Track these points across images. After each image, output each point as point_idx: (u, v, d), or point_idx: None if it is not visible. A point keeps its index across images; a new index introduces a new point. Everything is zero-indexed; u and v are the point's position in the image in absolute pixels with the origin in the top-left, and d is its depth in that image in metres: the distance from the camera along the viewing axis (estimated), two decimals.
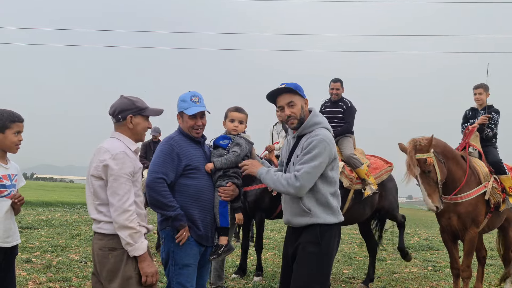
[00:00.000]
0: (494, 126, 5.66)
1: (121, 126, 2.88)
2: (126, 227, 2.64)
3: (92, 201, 2.78)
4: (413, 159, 4.70)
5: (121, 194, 2.66)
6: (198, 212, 3.11)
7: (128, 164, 2.72)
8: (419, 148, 4.73)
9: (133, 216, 2.67)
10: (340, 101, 6.32)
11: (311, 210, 2.96)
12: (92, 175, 2.74)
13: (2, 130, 2.91)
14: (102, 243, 2.74)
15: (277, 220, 14.15)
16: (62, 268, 6.20)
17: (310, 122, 3.05)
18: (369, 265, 6.43)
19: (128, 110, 2.86)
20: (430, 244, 10.86)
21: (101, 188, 2.73)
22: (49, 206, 18.40)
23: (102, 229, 2.74)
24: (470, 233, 5.02)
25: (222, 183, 3.22)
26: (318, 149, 2.90)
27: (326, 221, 2.97)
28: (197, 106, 3.16)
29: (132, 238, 2.65)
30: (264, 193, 6.11)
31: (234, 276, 6.31)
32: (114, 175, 2.67)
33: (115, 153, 2.71)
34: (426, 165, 4.68)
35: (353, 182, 5.80)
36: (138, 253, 2.68)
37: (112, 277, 2.71)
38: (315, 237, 2.96)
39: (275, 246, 9.50)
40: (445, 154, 4.97)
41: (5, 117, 2.93)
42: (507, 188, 5.36)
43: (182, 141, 3.17)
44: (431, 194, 4.69)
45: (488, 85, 5.77)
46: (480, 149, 5.54)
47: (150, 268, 2.71)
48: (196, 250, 3.12)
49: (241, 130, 3.46)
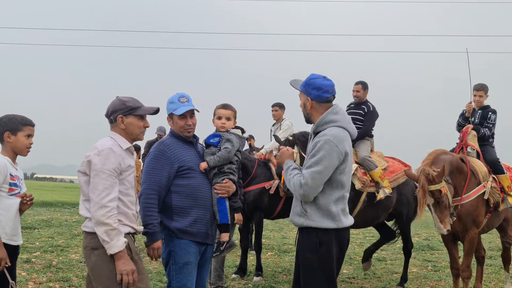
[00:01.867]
0: (492, 126, 5.65)
1: (115, 126, 2.92)
2: (102, 223, 2.61)
3: (81, 198, 2.81)
4: (427, 193, 4.61)
5: (100, 189, 2.65)
6: (197, 211, 3.12)
7: (112, 160, 2.71)
8: (431, 179, 4.61)
9: (110, 213, 2.64)
10: (363, 104, 6.29)
11: (307, 212, 2.90)
12: (79, 170, 2.78)
13: (14, 132, 3.08)
14: (86, 241, 2.75)
15: (277, 220, 14.13)
16: (62, 268, 6.20)
17: (324, 120, 2.94)
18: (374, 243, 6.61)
19: (118, 111, 2.89)
20: (430, 244, 10.85)
21: (86, 183, 2.75)
22: (49, 206, 18.37)
23: (86, 227, 2.75)
24: (470, 234, 5.01)
25: (218, 180, 3.24)
26: (323, 152, 2.81)
27: (322, 225, 2.88)
28: (185, 106, 3.17)
29: (108, 235, 2.62)
30: (263, 193, 6.12)
31: (234, 276, 6.31)
32: (96, 170, 2.68)
33: (100, 149, 2.73)
34: (441, 196, 4.62)
35: (365, 184, 5.76)
36: (113, 250, 2.63)
37: (95, 277, 2.70)
38: (311, 242, 2.90)
39: (275, 246, 9.49)
40: (451, 171, 4.89)
41: (18, 120, 3.12)
42: (506, 188, 5.34)
43: (173, 143, 3.18)
44: (443, 220, 4.65)
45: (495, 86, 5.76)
46: (478, 149, 5.52)
47: (126, 266, 2.65)
48: (196, 249, 3.13)
49: (229, 126, 3.46)
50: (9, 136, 3.07)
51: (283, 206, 6.22)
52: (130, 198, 2.81)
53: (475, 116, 5.75)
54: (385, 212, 6.17)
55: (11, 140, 3.08)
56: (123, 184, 2.76)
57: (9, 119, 3.10)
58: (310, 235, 2.91)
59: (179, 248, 3.08)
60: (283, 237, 11.18)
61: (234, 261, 7.36)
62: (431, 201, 4.66)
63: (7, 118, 3.11)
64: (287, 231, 12.69)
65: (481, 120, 5.69)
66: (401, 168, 6.29)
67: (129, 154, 2.89)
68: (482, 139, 5.60)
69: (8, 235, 3.00)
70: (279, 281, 6.19)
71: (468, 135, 5.53)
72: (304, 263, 2.94)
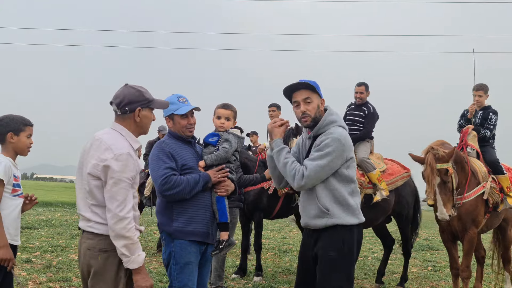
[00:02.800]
0: (493, 127, 5.65)
1: (127, 118, 2.66)
2: (122, 236, 2.46)
3: (85, 199, 2.59)
4: (434, 170, 4.62)
5: (120, 200, 2.47)
6: (196, 210, 3.13)
7: (131, 167, 2.52)
8: (439, 157, 4.65)
9: (130, 225, 2.49)
10: (364, 106, 6.26)
11: (329, 210, 2.84)
12: (89, 173, 2.53)
13: (17, 133, 3.10)
14: (92, 242, 2.56)
15: (277, 220, 14.15)
16: (62, 268, 6.21)
17: (325, 121, 2.94)
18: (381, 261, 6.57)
19: (137, 102, 2.65)
20: (430, 244, 10.87)
21: (98, 188, 2.53)
22: (49, 206, 18.38)
23: (94, 228, 2.55)
24: (470, 233, 5.02)
25: None
26: (330, 148, 2.80)
27: (346, 221, 2.84)
28: (186, 105, 3.18)
29: (128, 249, 2.47)
30: (262, 193, 6.13)
31: (234, 276, 6.31)
32: (115, 178, 2.47)
33: (118, 153, 2.49)
34: (447, 176, 4.63)
35: (363, 186, 5.73)
36: (133, 266, 2.50)
37: (98, 280, 2.54)
38: (335, 240, 2.84)
39: (275, 246, 9.49)
40: (456, 160, 4.93)
41: (19, 120, 3.13)
42: (505, 188, 5.35)
43: (173, 143, 3.18)
44: (446, 204, 4.66)
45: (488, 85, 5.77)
46: (478, 149, 5.53)
47: (145, 282, 2.53)
48: (197, 248, 3.14)
49: (228, 126, 3.46)
50: (12, 137, 3.06)
51: (282, 206, 6.23)
52: (136, 200, 2.70)
53: (476, 117, 5.74)
54: (383, 214, 6.15)
55: (14, 141, 3.08)
56: (133, 188, 2.62)
57: (10, 120, 3.09)
58: (333, 234, 2.87)
59: (180, 248, 3.07)
60: (283, 237, 11.18)
61: (234, 261, 7.36)
62: (437, 181, 4.66)
63: (9, 118, 3.11)
64: (287, 231, 12.70)
65: (482, 121, 5.69)
66: (400, 170, 6.28)
67: (137, 153, 2.75)
68: (483, 140, 5.60)
69: (11, 235, 3.00)
70: (279, 281, 6.20)
71: (468, 135, 5.53)
72: (326, 262, 2.87)
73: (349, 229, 2.87)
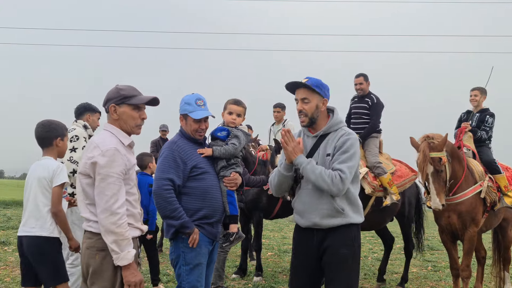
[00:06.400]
0: (489, 129, 5.71)
1: (112, 116, 2.69)
2: (112, 232, 2.44)
3: (83, 200, 2.61)
4: (427, 158, 4.68)
5: (108, 195, 2.46)
6: (206, 212, 3.13)
7: (118, 162, 2.52)
8: (433, 146, 4.72)
9: (121, 220, 2.47)
10: (367, 97, 6.13)
11: (344, 210, 2.88)
12: (80, 172, 2.56)
13: (63, 138, 3.36)
14: (90, 242, 2.56)
15: (277, 220, 14.15)
16: None
17: (336, 121, 2.99)
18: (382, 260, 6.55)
19: (111, 99, 2.66)
20: (430, 244, 10.85)
21: (90, 186, 2.54)
22: None
23: (92, 227, 2.56)
24: (469, 232, 5.03)
25: (226, 173, 3.29)
26: (355, 149, 2.87)
27: (356, 220, 2.93)
28: (202, 110, 3.17)
29: (118, 245, 2.45)
30: (262, 193, 6.12)
31: (234, 276, 6.32)
32: (102, 173, 2.47)
33: (105, 149, 2.50)
34: (440, 164, 4.69)
35: (375, 189, 5.69)
36: (122, 263, 2.48)
37: (96, 279, 2.53)
38: (347, 238, 2.89)
39: (275, 246, 9.49)
40: (452, 153, 4.98)
41: (63, 126, 3.38)
42: (502, 187, 5.39)
43: (184, 144, 3.18)
44: (439, 193, 4.70)
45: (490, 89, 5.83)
46: (474, 149, 5.58)
47: (134, 277, 2.52)
48: (206, 249, 3.15)
49: (239, 122, 3.51)
50: (59, 142, 3.30)
51: (282, 206, 6.23)
52: (135, 196, 2.69)
53: (473, 119, 5.83)
54: (391, 216, 6.18)
55: (60, 145, 3.31)
56: (128, 184, 2.61)
57: (57, 125, 3.32)
58: (345, 231, 2.91)
59: (190, 249, 3.06)
60: (283, 237, 11.18)
61: (234, 261, 7.37)
62: (430, 170, 4.70)
63: (55, 124, 3.33)
64: (287, 231, 12.69)
65: (479, 123, 5.77)
66: (408, 173, 6.25)
67: (130, 150, 2.74)
68: (479, 141, 5.66)
69: None
70: (279, 281, 6.20)
71: (464, 136, 5.59)
72: (339, 259, 2.89)
73: (357, 227, 2.97)
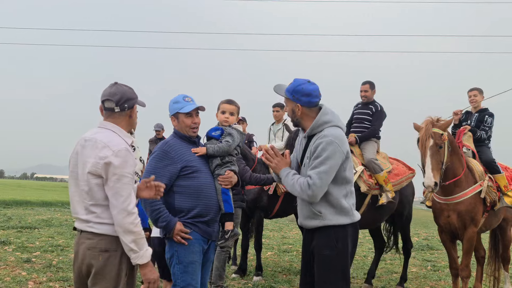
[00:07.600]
0: (488, 129, 5.74)
1: (122, 115, 2.68)
2: (130, 231, 2.48)
3: (82, 200, 2.56)
4: (430, 131, 4.75)
5: (125, 196, 2.48)
6: (200, 210, 3.14)
7: (130, 162, 2.54)
8: (436, 124, 4.82)
9: (137, 219, 2.51)
10: (371, 104, 6.26)
11: (321, 213, 2.90)
12: (90, 172, 2.52)
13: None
14: (91, 242, 2.54)
15: (276, 220, 14.17)
16: (62, 268, 6.21)
17: (318, 122, 2.95)
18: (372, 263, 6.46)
19: (133, 99, 2.71)
20: (430, 244, 10.87)
21: (99, 186, 2.52)
22: (49, 206, 18.41)
23: (94, 228, 2.54)
24: (469, 232, 5.03)
25: (221, 171, 3.30)
26: (328, 152, 2.82)
27: (339, 222, 2.90)
28: (191, 104, 3.21)
29: (137, 244, 2.50)
30: (262, 192, 6.14)
31: (234, 276, 6.32)
32: (118, 174, 2.47)
33: (117, 150, 2.50)
34: (441, 140, 4.73)
35: (371, 187, 5.72)
36: (142, 261, 2.53)
37: (99, 280, 2.53)
38: (329, 239, 2.90)
39: (275, 246, 9.50)
40: (453, 146, 5.01)
41: None
42: (502, 187, 5.40)
43: (177, 143, 3.20)
44: (434, 170, 4.69)
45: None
46: (473, 149, 5.60)
47: (153, 274, 2.59)
48: (200, 247, 3.16)
49: (232, 121, 3.55)
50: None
51: (281, 205, 6.24)
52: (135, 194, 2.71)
53: (472, 119, 5.86)
54: (387, 215, 6.16)
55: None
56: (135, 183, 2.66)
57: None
58: (327, 233, 2.92)
59: (183, 248, 3.09)
60: (283, 237, 11.19)
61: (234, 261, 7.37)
62: (430, 143, 4.74)
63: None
64: (287, 231, 12.71)
65: (478, 123, 5.80)
66: (406, 171, 6.27)
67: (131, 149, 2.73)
68: (478, 140, 5.68)
69: None
70: (279, 280, 6.21)
71: (464, 135, 5.61)
72: (322, 260, 2.93)
73: (343, 228, 2.92)
